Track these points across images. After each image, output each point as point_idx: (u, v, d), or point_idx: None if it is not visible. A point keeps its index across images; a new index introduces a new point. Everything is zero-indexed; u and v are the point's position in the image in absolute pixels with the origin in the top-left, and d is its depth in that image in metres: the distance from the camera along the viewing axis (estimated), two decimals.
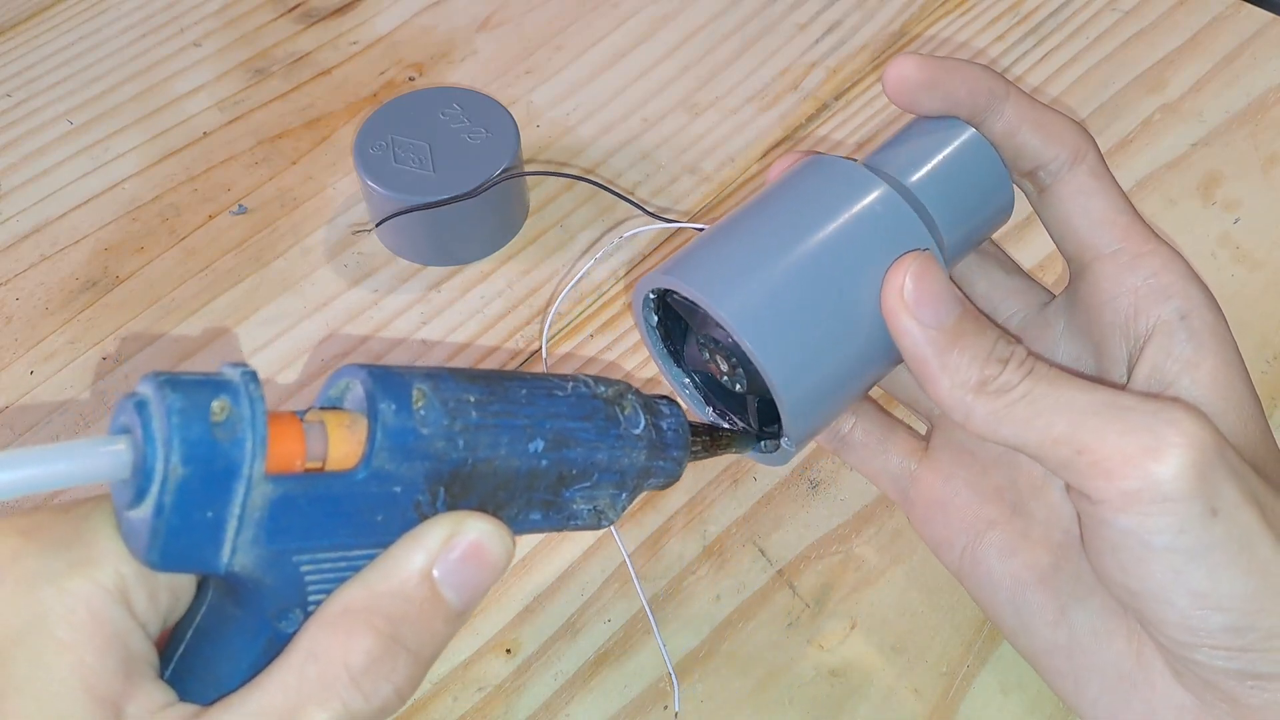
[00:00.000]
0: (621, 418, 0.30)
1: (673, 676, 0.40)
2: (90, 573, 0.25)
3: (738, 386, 0.35)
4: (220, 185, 0.56)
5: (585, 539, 0.44)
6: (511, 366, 0.49)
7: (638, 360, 0.49)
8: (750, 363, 0.32)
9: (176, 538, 0.24)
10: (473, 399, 0.27)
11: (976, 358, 0.31)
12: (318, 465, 0.25)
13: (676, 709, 0.39)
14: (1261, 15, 0.58)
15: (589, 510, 0.30)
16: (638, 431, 0.30)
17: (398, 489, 0.26)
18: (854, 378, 0.34)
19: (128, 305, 0.52)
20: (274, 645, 0.26)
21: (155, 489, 0.23)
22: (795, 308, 0.32)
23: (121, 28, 0.63)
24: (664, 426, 0.31)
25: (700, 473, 0.45)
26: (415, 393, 0.26)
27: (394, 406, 0.26)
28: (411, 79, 0.60)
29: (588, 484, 0.29)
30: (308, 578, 0.26)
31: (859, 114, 0.56)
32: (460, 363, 0.49)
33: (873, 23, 0.60)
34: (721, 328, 0.32)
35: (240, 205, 0.55)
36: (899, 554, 0.43)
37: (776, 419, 0.34)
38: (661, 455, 0.31)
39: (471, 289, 0.51)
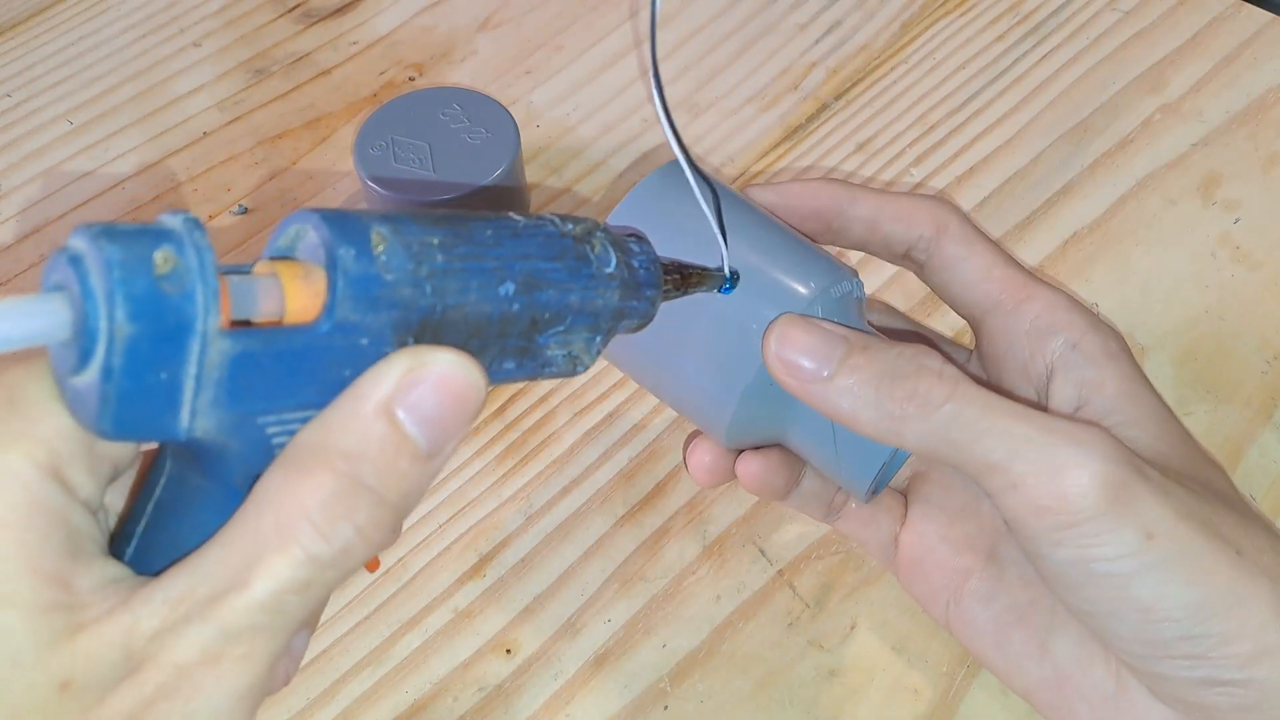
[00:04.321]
0: (592, 256, 0.28)
1: None
2: (25, 447, 0.23)
3: None
4: (220, 185, 0.56)
5: (585, 539, 0.44)
6: None
7: None
8: None
9: (130, 402, 0.22)
10: (436, 242, 0.25)
11: (881, 382, 0.31)
12: (275, 320, 0.24)
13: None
14: (1261, 15, 0.58)
15: (563, 356, 0.29)
16: (609, 270, 0.29)
17: (364, 341, 0.24)
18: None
19: None
20: None
21: (101, 350, 0.21)
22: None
23: (121, 28, 0.63)
24: (636, 265, 0.30)
25: None
26: (374, 236, 0.24)
27: (353, 251, 0.24)
28: (411, 79, 0.60)
29: (561, 328, 0.28)
30: (274, 440, 0.24)
31: (859, 114, 0.56)
32: None
33: (873, 23, 0.60)
34: None
35: (240, 205, 0.55)
36: None
37: None
38: (635, 295, 0.30)
39: None
